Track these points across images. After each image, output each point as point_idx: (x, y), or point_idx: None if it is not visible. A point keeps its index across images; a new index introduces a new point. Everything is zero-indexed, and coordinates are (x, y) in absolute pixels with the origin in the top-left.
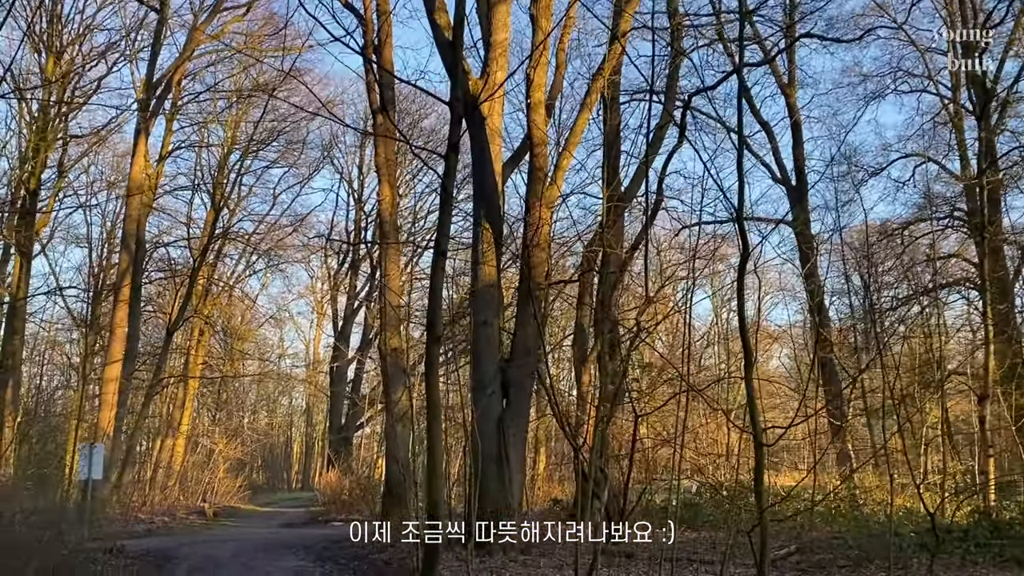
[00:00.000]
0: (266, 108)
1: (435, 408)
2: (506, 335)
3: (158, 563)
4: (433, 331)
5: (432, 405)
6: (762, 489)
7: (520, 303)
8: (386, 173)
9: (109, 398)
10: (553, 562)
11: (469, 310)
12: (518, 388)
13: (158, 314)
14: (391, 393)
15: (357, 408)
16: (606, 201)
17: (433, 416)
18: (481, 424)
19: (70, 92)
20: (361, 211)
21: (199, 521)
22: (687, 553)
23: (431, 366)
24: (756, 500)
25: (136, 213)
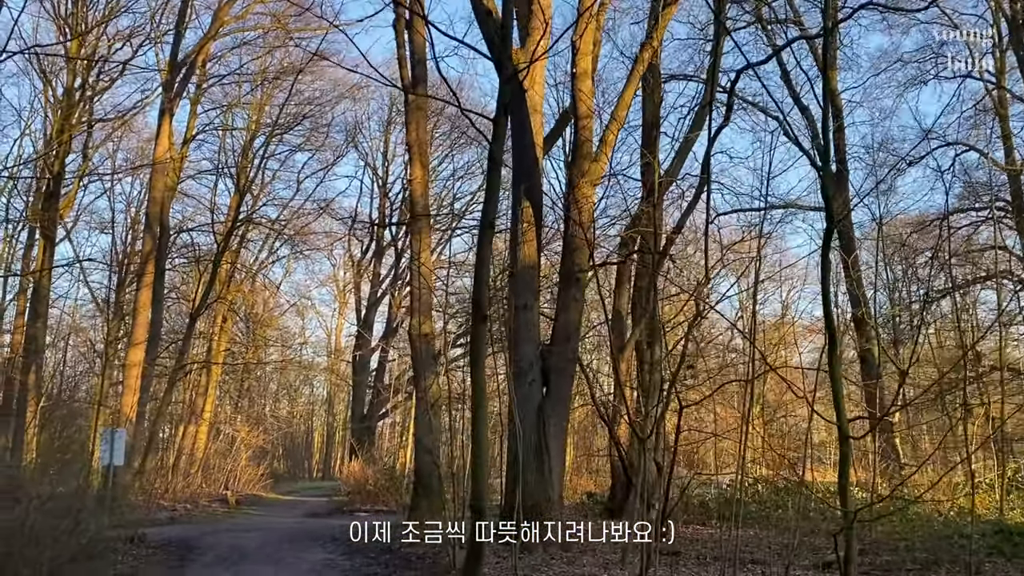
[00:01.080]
0: (291, 90)
1: (481, 393)
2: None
3: (181, 553)
4: (479, 310)
5: (477, 390)
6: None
7: (561, 286)
8: (418, 152)
9: (132, 383)
10: (598, 560)
11: (506, 293)
12: (559, 375)
13: (181, 301)
14: (421, 380)
15: (381, 397)
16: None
17: (478, 402)
18: (520, 413)
19: (95, 75)
20: (385, 197)
21: (221, 509)
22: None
23: (477, 348)
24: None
25: (160, 196)
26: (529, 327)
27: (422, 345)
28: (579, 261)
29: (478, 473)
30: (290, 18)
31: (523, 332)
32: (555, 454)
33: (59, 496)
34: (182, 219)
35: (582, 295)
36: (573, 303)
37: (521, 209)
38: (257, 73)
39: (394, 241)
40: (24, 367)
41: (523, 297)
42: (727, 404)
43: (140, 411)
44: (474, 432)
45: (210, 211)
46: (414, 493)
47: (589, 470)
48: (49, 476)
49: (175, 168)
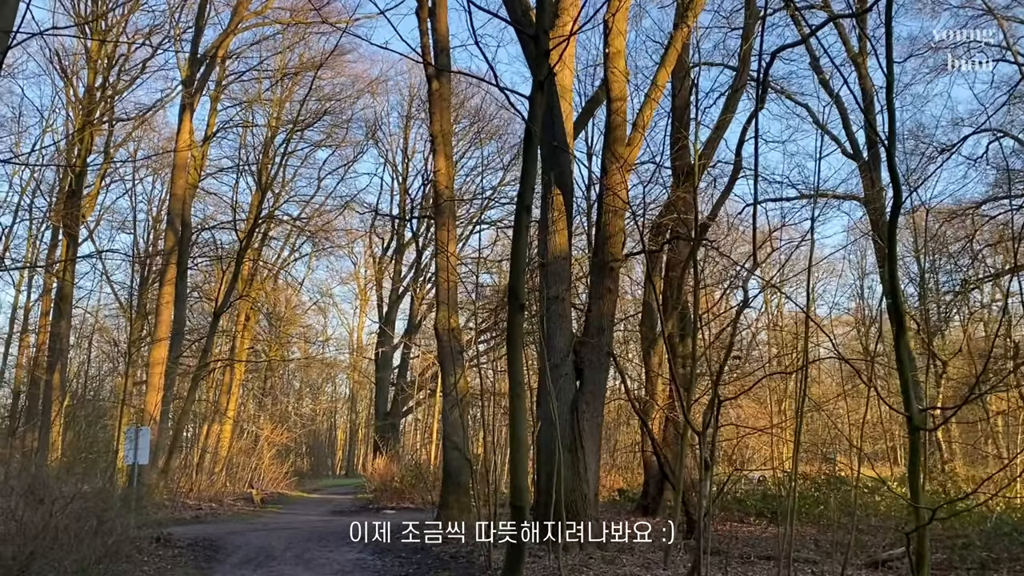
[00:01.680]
0: (312, 85)
1: (519, 386)
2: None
3: (208, 554)
4: (516, 299)
5: (515, 384)
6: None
7: (594, 276)
8: (442, 143)
9: (155, 381)
10: (638, 559)
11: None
12: (593, 369)
13: (204, 300)
14: (448, 375)
15: (404, 394)
16: (678, 169)
17: (516, 395)
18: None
19: (115, 74)
20: (405, 193)
21: (247, 508)
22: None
23: (514, 339)
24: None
25: (181, 192)
26: (561, 319)
27: (448, 339)
28: (613, 250)
29: (518, 470)
30: (309, 12)
31: (555, 324)
32: (590, 451)
33: (84, 496)
34: (204, 218)
35: (616, 285)
36: (607, 294)
37: (551, 197)
38: (277, 69)
39: (415, 237)
40: (49, 366)
41: (554, 288)
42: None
43: (164, 410)
44: (512, 428)
45: (232, 209)
46: (443, 490)
47: (616, 466)
48: (74, 476)
49: (196, 165)
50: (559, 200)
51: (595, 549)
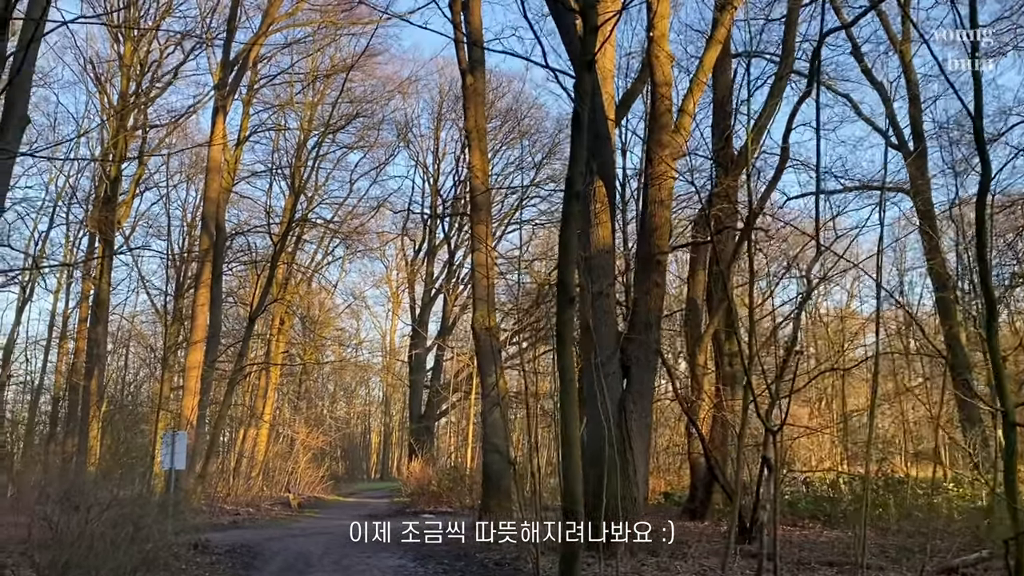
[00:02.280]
0: (343, 87)
1: (570, 385)
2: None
3: (246, 561)
4: (566, 292)
5: (566, 381)
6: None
7: (639, 270)
8: (477, 139)
9: (192, 385)
10: (691, 567)
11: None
12: (640, 367)
13: (240, 305)
14: (486, 375)
15: (439, 396)
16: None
17: (567, 393)
18: (596, 407)
19: (148, 80)
20: (437, 194)
21: (284, 512)
22: (840, 555)
23: (563, 334)
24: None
25: (215, 195)
26: (606, 315)
27: (487, 338)
28: (659, 243)
29: (570, 474)
30: (340, 11)
31: (600, 321)
32: (639, 452)
33: (121, 502)
34: (238, 223)
35: (663, 279)
36: (654, 288)
37: (593, 188)
38: (308, 72)
39: (447, 238)
40: (86, 372)
41: (598, 283)
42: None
43: (201, 414)
44: (563, 429)
45: (265, 213)
46: (483, 494)
47: (658, 468)
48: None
49: (229, 169)
50: (601, 191)
51: (646, 555)
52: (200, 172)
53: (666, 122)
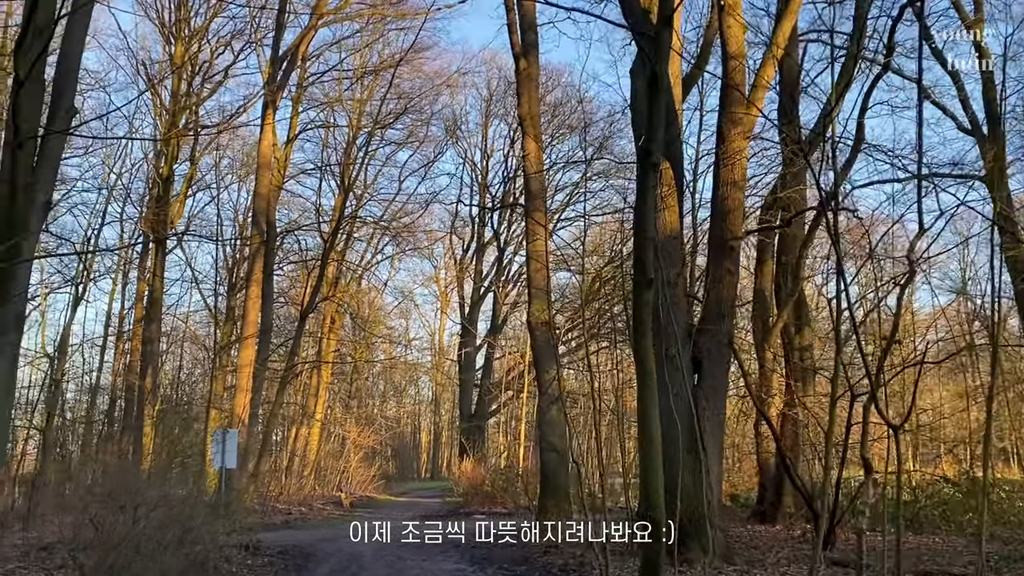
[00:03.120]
0: (392, 82)
1: (648, 377)
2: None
3: (298, 563)
4: (644, 272)
5: (645, 373)
6: None
7: (711, 256)
8: (531, 125)
9: (244, 383)
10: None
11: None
12: (713, 361)
13: (291, 305)
14: (543, 371)
15: (489, 395)
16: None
17: (646, 387)
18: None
19: (199, 81)
20: (485, 190)
21: (336, 512)
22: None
23: (641, 319)
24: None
25: (266, 191)
26: (675, 305)
27: (543, 333)
28: (732, 227)
29: (650, 476)
30: (389, 6)
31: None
32: (712, 452)
33: (170, 502)
34: (288, 223)
35: (736, 267)
36: (727, 276)
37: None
38: (356, 68)
39: (496, 235)
40: (141, 371)
41: (666, 271)
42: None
43: (253, 412)
44: (642, 426)
45: (315, 211)
46: (541, 495)
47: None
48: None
49: (279, 167)
50: (668, 173)
51: (721, 563)
52: (250, 173)
53: (739, 97)
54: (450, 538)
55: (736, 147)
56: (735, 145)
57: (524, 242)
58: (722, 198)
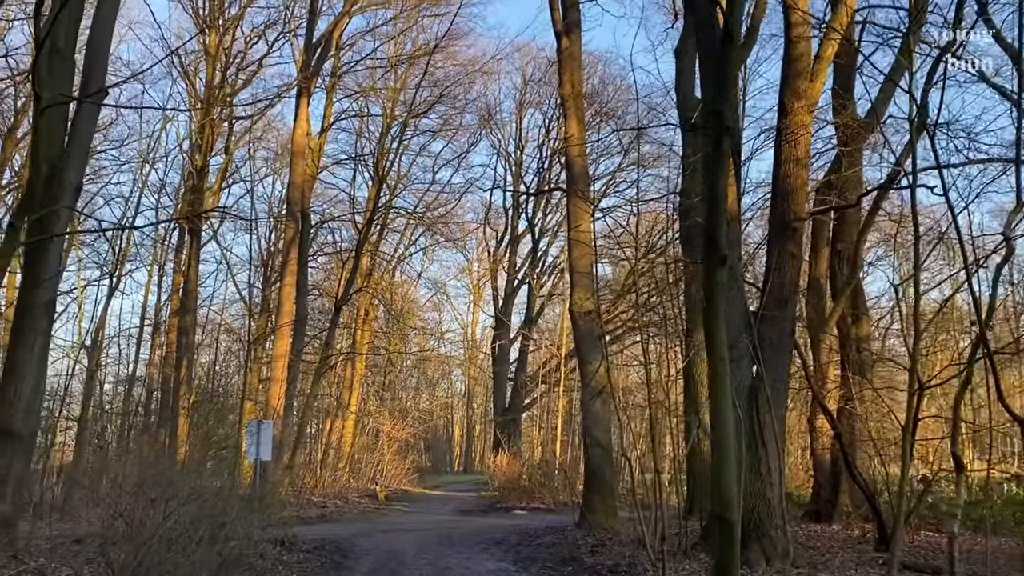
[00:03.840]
0: (427, 68)
1: (720, 363)
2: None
3: (335, 560)
4: (716, 249)
5: (717, 359)
6: None
7: (772, 238)
8: (573, 106)
9: (278, 374)
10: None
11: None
12: (774, 350)
13: (325, 297)
14: (587, 363)
15: (525, 388)
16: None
17: (718, 375)
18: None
19: (233, 72)
20: (519, 181)
21: (372, 505)
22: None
23: (714, 301)
24: None
25: (300, 180)
26: (731, 292)
27: (586, 323)
28: (795, 207)
29: (724, 473)
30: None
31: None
32: (773, 449)
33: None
34: (323, 215)
35: (800, 250)
36: (789, 259)
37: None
38: (390, 57)
39: (531, 226)
40: (176, 363)
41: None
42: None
43: (288, 404)
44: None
45: (349, 202)
46: (586, 491)
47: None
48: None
49: (313, 157)
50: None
51: (784, 565)
52: (285, 166)
53: (803, 67)
54: (491, 535)
55: (799, 121)
56: (798, 119)
57: (565, 226)
58: (784, 176)
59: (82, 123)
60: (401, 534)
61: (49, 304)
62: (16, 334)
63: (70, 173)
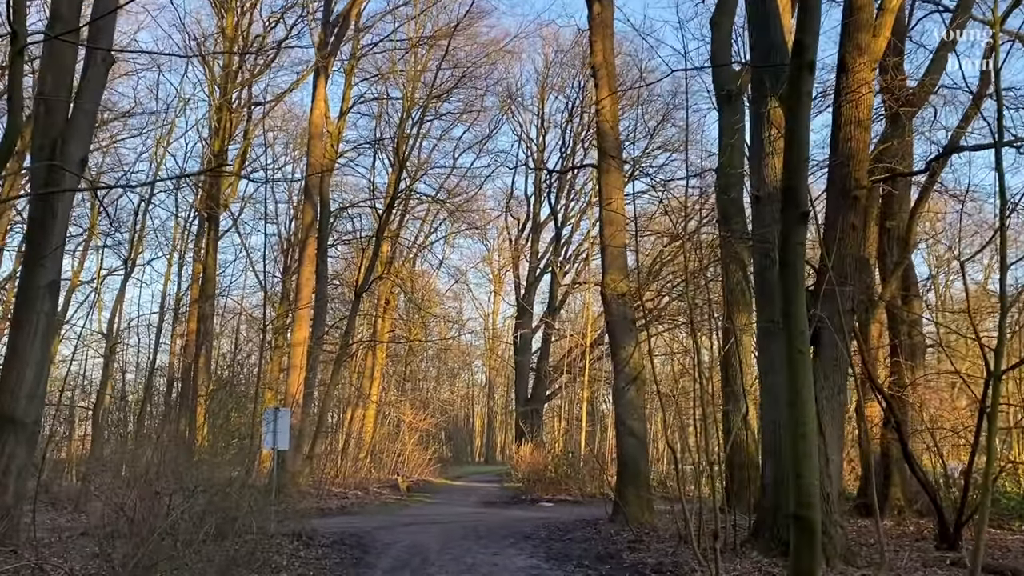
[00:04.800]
0: (448, 48)
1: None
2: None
3: (355, 556)
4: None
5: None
6: None
7: (832, 209)
8: (605, 75)
9: (297, 362)
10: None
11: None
12: (834, 330)
13: (345, 286)
14: (620, 348)
15: (548, 378)
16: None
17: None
18: (776, 382)
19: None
20: (542, 168)
21: (393, 496)
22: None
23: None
24: None
25: (318, 162)
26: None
27: (619, 306)
28: (857, 174)
29: (804, 467)
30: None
31: (776, 274)
32: (833, 439)
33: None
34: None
35: (862, 221)
36: (851, 232)
37: (768, 104)
38: (410, 38)
39: (553, 213)
40: (196, 351)
41: (773, 229)
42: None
43: (307, 392)
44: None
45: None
46: (619, 483)
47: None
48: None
49: (332, 141)
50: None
51: (845, 566)
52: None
53: (866, 18)
54: (519, 528)
55: (862, 79)
56: (861, 76)
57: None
58: (845, 139)
59: (85, 98)
60: (424, 527)
61: (52, 286)
62: (17, 317)
63: (73, 147)
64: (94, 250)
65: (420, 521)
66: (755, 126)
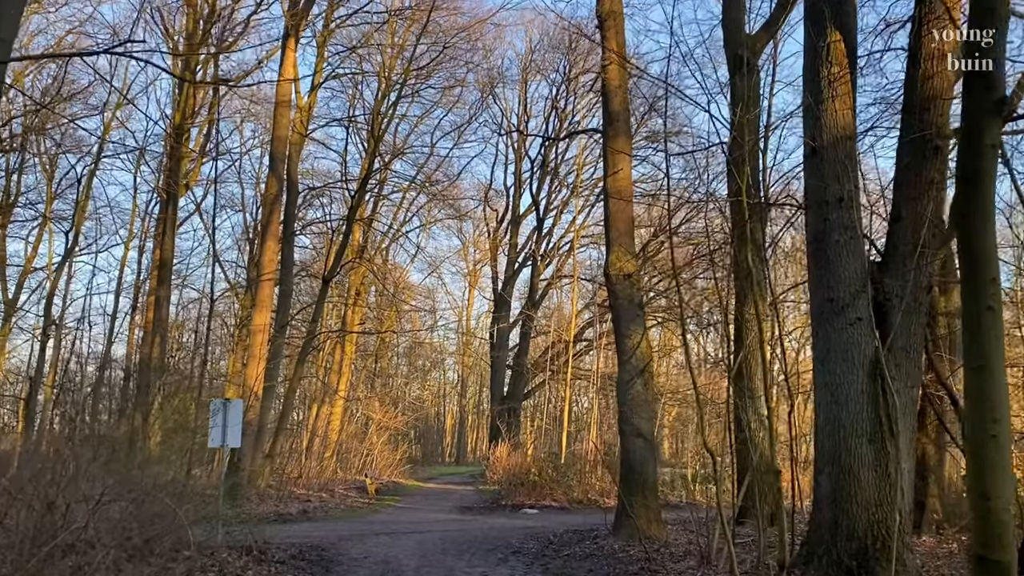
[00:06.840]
0: (427, 20)
1: (988, 287)
2: None
3: (315, 573)
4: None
5: (982, 283)
6: None
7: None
8: (613, 27)
9: (257, 351)
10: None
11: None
12: (906, 312)
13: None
14: (624, 336)
15: (526, 375)
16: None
17: (987, 306)
18: (834, 373)
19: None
20: (524, 158)
21: (360, 500)
22: None
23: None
24: None
25: (284, 132)
26: (847, 233)
27: (624, 289)
28: (938, 120)
29: (992, 481)
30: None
31: (835, 243)
32: (904, 440)
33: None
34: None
35: (943, 176)
36: (927, 190)
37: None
38: (388, 9)
39: (535, 203)
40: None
41: (834, 187)
42: None
43: (269, 386)
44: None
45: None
46: (623, 490)
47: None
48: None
49: (302, 117)
50: (839, 48)
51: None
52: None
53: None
54: (504, 539)
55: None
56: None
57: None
58: (924, 78)
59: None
60: (396, 537)
61: None
62: None
63: None
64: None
65: (392, 530)
66: (810, 64)
